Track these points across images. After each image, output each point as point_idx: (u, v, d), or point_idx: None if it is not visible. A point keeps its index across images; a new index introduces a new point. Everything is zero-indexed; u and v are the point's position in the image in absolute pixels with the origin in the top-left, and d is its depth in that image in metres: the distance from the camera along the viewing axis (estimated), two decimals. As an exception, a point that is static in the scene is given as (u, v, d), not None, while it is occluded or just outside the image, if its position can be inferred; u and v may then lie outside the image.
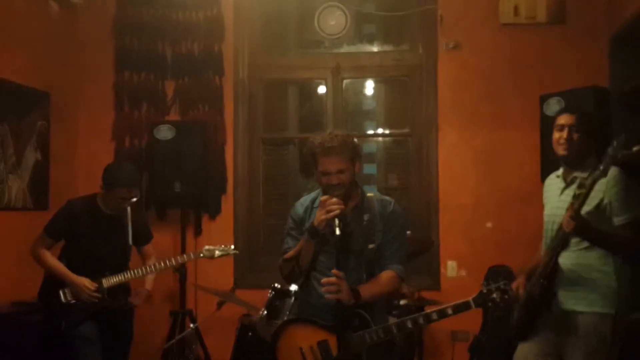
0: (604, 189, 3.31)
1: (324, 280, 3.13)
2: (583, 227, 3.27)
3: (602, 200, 3.35)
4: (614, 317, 3.35)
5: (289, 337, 3.30)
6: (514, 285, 3.52)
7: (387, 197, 3.43)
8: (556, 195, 3.61)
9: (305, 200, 3.45)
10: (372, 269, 3.27)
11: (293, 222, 3.42)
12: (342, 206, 3.09)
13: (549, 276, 3.42)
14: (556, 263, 3.41)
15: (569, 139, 3.50)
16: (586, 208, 3.29)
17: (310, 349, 3.22)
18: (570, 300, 3.42)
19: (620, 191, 3.35)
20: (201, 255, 4.52)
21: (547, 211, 3.69)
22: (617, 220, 3.35)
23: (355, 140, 3.32)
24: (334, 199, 3.11)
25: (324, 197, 3.14)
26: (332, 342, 3.17)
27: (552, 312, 3.45)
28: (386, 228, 3.29)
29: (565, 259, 3.43)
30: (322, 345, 3.20)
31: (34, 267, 4.31)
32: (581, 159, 3.51)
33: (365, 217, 3.26)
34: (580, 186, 3.27)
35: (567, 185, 3.54)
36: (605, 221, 3.37)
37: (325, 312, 3.22)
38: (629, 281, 3.42)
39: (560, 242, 3.39)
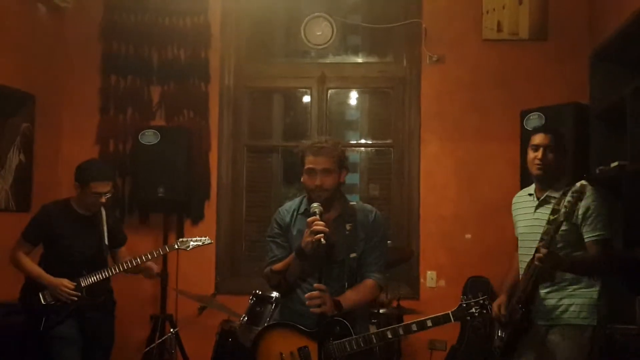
0: (578, 209, 3.35)
1: (308, 295, 3.15)
2: (555, 264, 3.31)
3: (575, 219, 3.41)
4: (595, 328, 3.42)
5: (270, 342, 3.33)
6: (495, 303, 3.58)
7: (368, 206, 3.48)
8: (529, 214, 3.66)
9: (290, 206, 3.47)
10: (353, 278, 3.30)
11: (279, 227, 3.43)
12: (327, 230, 3.10)
13: (527, 301, 3.46)
14: (533, 291, 3.46)
15: (543, 159, 3.56)
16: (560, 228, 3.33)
17: (290, 354, 3.25)
18: (549, 314, 3.49)
19: (593, 209, 3.42)
20: (175, 247, 4.51)
21: (521, 229, 3.74)
22: (588, 237, 3.42)
23: (345, 150, 3.40)
24: (320, 222, 3.11)
25: (310, 219, 3.15)
26: (313, 348, 3.19)
27: (533, 326, 3.51)
28: (368, 237, 3.33)
29: (542, 288, 3.49)
30: (303, 351, 3.23)
31: (14, 269, 4.31)
32: (555, 178, 3.58)
33: (348, 226, 3.29)
34: (554, 212, 3.30)
35: (540, 204, 3.60)
36: (577, 234, 3.45)
37: (306, 318, 3.24)
38: (609, 292, 3.50)
39: (536, 273, 3.40)
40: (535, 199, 3.65)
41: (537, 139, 3.62)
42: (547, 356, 3.49)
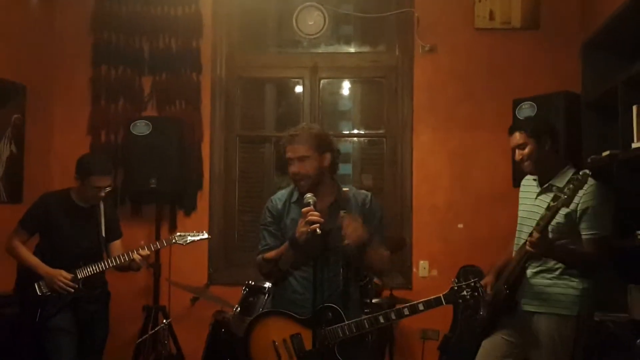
0: (577, 200, 3.35)
1: (304, 209, 3.14)
2: (546, 250, 3.34)
3: (574, 210, 3.40)
4: (577, 318, 3.44)
5: (262, 330, 3.34)
6: (482, 282, 3.60)
7: (363, 191, 3.48)
8: (531, 199, 3.67)
9: (282, 195, 3.46)
10: (349, 264, 3.30)
11: (271, 216, 3.43)
12: (322, 220, 3.10)
13: (513, 285, 3.50)
14: (521, 273, 3.49)
15: (522, 159, 3.59)
16: (557, 219, 3.34)
17: (283, 342, 3.26)
18: (533, 302, 3.51)
19: (594, 206, 3.40)
20: (173, 241, 4.50)
21: (521, 213, 3.76)
22: (585, 234, 3.42)
23: (326, 133, 3.39)
24: (315, 212, 3.11)
25: (305, 209, 3.14)
26: (306, 335, 3.21)
27: (516, 312, 3.53)
28: (365, 222, 3.29)
29: (532, 267, 3.52)
30: (295, 338, 3.25)
31: (9, 260, 4.32)
32: (547, 167, 3.58)
33: (342, 212, 3.27)
34: (554, 198, 3.28)
35: (543, 191, 3.60)
36: (573, 230, 3.45)
37: (299, 306, 3.26)
38: (599, 281, 3.51)
39: (525, 257, 3.45)
40: (538, 185, 3.66)
41: (511, 141, 3.67)
42: (530, 340, 3.51)
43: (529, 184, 3.78)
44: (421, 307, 3.21)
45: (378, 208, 3.43)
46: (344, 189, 3.46)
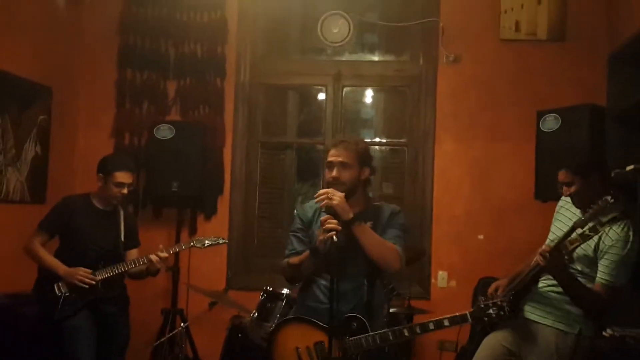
0: (606, 244, 3.29)
1: (323, 218, 3.15)
2: (554, 267, 3.28)
3: (599, 252, 3.33)
4: (577, 336, 3.39)
5: (286, 337, 3.34)
6: (494, 284, 3.59)
7: (393, 205, 3.47)
8: (568, 219, 3.57)
9: (313, 202, 3.44)
10: (372, 274, 3.30)
11: (301, 222, 3.46)
12: (339, 228, 3.09)
13: (519, 293, 3.47)
14: (531, 283, 3.46)
15: (571, 196, 3.50)
16: (584, 247, 3.29)
17: (306, 349, 3.26)
18: (536, 312, 3.50)
19: (619, 254, 3.31)
20: (192, 244, 4.50)
21: (554, 230, 3.68)
22: (600, 278, 3.33)
23: (369, 148, 3.43)
24: (333, 220, 3.10)
25: (324, 217, 3.15)
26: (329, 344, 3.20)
27: (517, 318, 3.51)
28: (387, 224, 3.32)
29: (544, 281, 3.49)
30: (319, 346, 3.24)
31: (30, 260, 4.34)
32: (590, 201, 3.37)
33: (368, 224, 3.26)
34: (592, 229, 3.18)
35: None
36: (593, 267, 3.38)
37: (321, 315, 3.25)
38: None
39: (539, 269, 3.40)
40: (578, 209, 3.56)
41: (559, 176, 3.55)
42: (528, 348, 3.49)
43: (568, 205, 3.66)
44: (446, 322, 3.17)
45: (402, 216, 3.41)
46: (375, 203, 3.46)
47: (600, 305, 3.36)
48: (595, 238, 3.26)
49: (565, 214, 3.67)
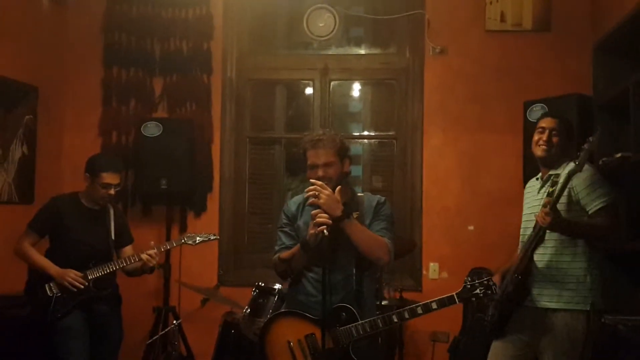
0: (575, 185, 3.40)
1: (313, 212, 3.16)
2: (558, 220, 3.32)
3: (574, 195, 3.43)
4: (588, 313, 3.42)
5: (277, 331, 3.35)
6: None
7: (378, 195, 3.49)
8: (534, 194, 3.69)
9: (298, 198, 3.52)
10: (362, 266, 3.31)
11: (286, 218, 3.48)
12: (330, 222, 3.12)
13: (524, 272, 3.50)
14: (531, 259, 3.49)
15: (548, 141, 3.60)
16: (561, 202, 3.36)
17: (298, 342, 3.28)
18: (544, 297, 3.50)
19: (591, 185, 3.42)
20: (183, 241, 4.51)
21: (525, 211, 3.78)
22: (591, 209, 3.41)
23: (344, 140, 3.41)
24: (324, 214, 3.13)
25: (314, 212, 3.17)
26: (320, 335, 3.19)
27: (526, 309, 3.52)
28: (374, 214, 3.35)
29: (540, 256, 3.51)
30: (310, 338, 3.26)
31: (20, 261, 4.32)
32: (558, 160, 3.58)
33: (354, 214, 3.29)
34: (553, 183, 3.36)
35: (544, 183, 3.62)
36: (577, 215, 3.45)
37: (312, 308, 3.28)
38: (603, 278, 3.50)
39: (536, 238, 3.46)
40: (540, 180, 3.67)
41: (544, 122, 3.66)
42: (539, 339, 3.50)
43: (531, 185, 3.81)
44: (434, 305, 3.21)
45: (388, 207, 3.44)
46: (359, 194, 3.48)
47: (609, 227, 3.40)
48: (566, 192, 3.36)
49: (530, 194, 3.76)
